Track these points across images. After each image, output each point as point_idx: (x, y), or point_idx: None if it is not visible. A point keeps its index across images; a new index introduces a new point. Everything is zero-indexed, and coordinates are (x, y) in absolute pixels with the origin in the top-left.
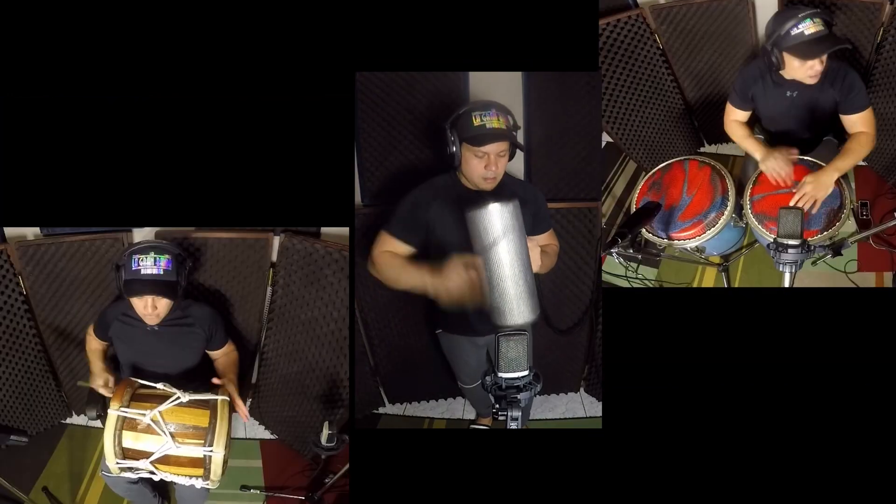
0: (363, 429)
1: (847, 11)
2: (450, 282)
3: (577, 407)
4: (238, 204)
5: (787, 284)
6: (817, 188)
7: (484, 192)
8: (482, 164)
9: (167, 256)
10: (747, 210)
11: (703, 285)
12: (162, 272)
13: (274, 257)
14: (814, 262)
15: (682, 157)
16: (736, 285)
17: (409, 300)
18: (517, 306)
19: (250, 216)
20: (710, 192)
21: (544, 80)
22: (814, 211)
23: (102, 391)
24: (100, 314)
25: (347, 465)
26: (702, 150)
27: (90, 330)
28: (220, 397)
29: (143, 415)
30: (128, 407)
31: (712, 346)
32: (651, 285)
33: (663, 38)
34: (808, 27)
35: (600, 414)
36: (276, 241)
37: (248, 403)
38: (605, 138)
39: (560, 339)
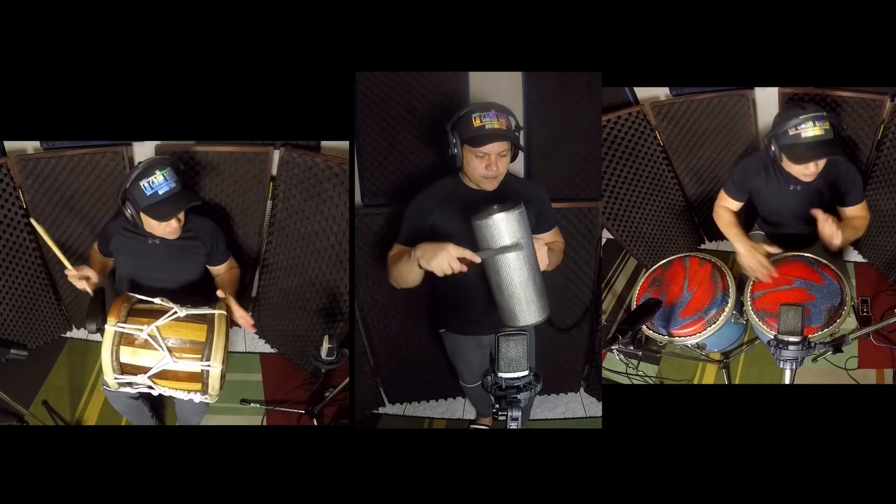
0: (363, 429)
1: (847, 108)
2: (434, 261)
3: (577, 407)
4: (238, 117)
5: (787, 381)
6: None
7: (489, 195)
8: (483, 165)
9: (168, 168)
10: (748, 307)
11: (704, 382)
12: (175, 184)
13: (274, 171)
14: (814, 359)
15: (682, 254)
16: (736, 382)
17: (409, 300)
18: (527, 309)
19: (250, 129)
20: (710, 289)
21: (544, 80)
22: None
23: (77, 282)
24: (101, 229)
25: (347, 380)
26: (702, 246)
27: (94, 245)
28: (217, 311)
29: (141, 330)
30: (125, 322)
31: (713, 442)
32: (652, 382)
33: (664, 135)
34: (807, 130)
35: (600, 414)
36: (276, 154)
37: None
38: (606, 235)
39: (560, 339)
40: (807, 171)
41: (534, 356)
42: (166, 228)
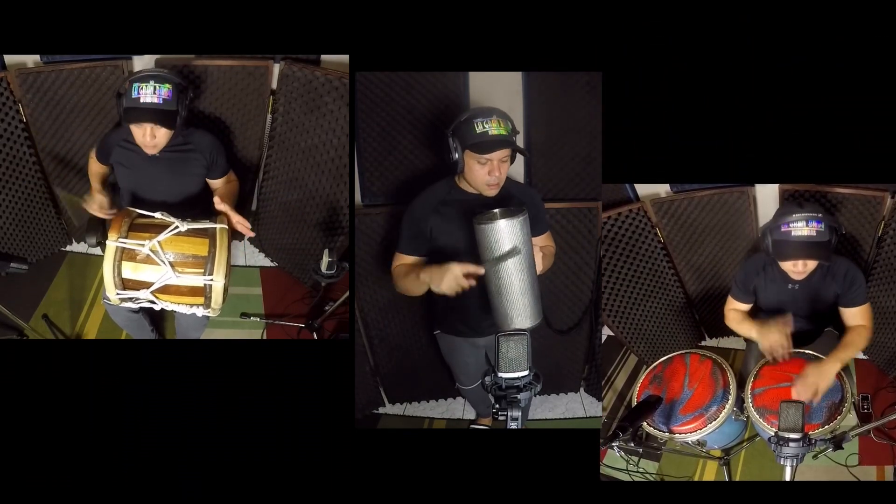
0: (363, 429)
1: (848, 204)
2: (443, 284)
3: (577, 407)
4: (238, 31)
5: (788, 478)
6: (820, 378)
7: (488, 199)
8: (486, 171)
9: (168, 86)
10: (748, 404)
11: (705, 479)
12: (161, 101)
13: (274, 85)
14: (815, 456)
15: (683, 351)
16: (737, 479)
17: (409, 300)
18: (523, 313)
19: (250, 43)
20: (711, 386)
21: (544, 80)
22: (816, 402)
23: (96, 212)
24: (101, 139)
25: (347, 293)
26: (703, 343)
27: (92, 153)
28: (218, 226)
29: (142, 245)
30: (126, 238)
31: None
32: (652, 479)
33: (664, 232)
34: (799, 229)
35: (600, 414)
36: (276, 68)
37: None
38: (607, 331)
39: (560, 339)
40: (794, 269)
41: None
42: (143, 138)
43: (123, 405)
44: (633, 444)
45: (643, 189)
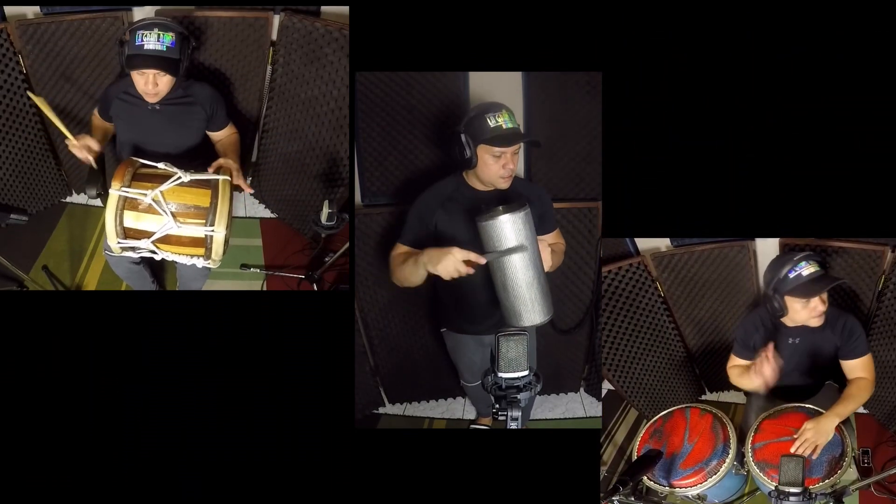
0: (363, 429)
1: (848, 258)
2: (441, 266)
3: (577, 407)
4: None
5: None
6: (818, 434)
7: (493, 195)
8: (500, 164)
9: (171, 35)
10: (749, 458)
11: None
12: (165, 49)
13: (274, 36)
14: None
15: (683, 405)
16: None
17: (410, 300)
18: (532, 309)
19: None
20: (711, 440)
21: (544, 80)
22: (815, 457)
23: (79, 152)
24: (102, 93)
25: (347, 245)
26: (703, 397)
27: (95, 112)
28: (221, 177)
29: (145, 195)
30: (129, 187)
31: None
32: None
33: (664, 286)
34: (806, 269)
35: (600, 414)
36: (276, 19)
37: (249, 182)
38: (607, 386)
39: (560, 339)
40: (815, 313)
41: (534, 356)
42: (145, 86)
43: (124, 378)
44: (633, 499)
45: (644, 243)
